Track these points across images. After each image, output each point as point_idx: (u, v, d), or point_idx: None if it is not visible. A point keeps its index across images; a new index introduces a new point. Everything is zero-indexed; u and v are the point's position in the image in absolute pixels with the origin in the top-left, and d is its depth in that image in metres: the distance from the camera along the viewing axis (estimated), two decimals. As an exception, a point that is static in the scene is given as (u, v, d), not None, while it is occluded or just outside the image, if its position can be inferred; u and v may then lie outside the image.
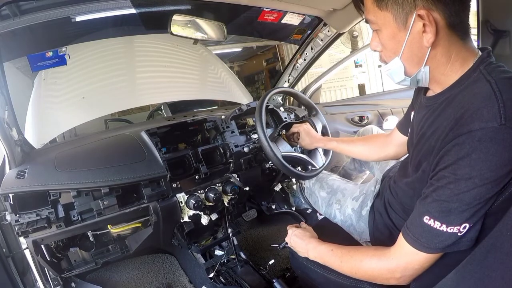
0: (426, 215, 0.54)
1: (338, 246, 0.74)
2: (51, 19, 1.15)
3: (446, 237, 0.52)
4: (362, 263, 0.66)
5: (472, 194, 0.49)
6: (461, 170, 0.49)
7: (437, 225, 0.52)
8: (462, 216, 0.51)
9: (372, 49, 0.65)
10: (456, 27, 0.55)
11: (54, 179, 0.92)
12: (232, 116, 1.25)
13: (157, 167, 1.02)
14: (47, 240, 0.92)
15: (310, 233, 0.86)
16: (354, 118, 1.92)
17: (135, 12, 1.50)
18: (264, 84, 7.07)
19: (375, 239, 0.87)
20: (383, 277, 0.63)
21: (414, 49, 0.57)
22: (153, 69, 1.80)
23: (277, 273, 1.36)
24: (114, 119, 3.23)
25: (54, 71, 1.47)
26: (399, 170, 0.83)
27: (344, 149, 1.11)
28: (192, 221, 1.16)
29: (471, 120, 0.49)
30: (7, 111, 0.96)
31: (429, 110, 0.63)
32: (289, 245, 0.89)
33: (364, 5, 0.63)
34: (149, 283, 1.38)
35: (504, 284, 0.43)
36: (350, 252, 0.70)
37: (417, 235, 0.55)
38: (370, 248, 0.71)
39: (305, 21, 1.45)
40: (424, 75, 0.60)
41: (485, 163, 0.47)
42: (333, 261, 0.73)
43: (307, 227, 0.92)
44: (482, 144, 0.47)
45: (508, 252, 0.44)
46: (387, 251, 0.63)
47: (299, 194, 1.52)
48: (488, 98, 0.49)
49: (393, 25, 0.57)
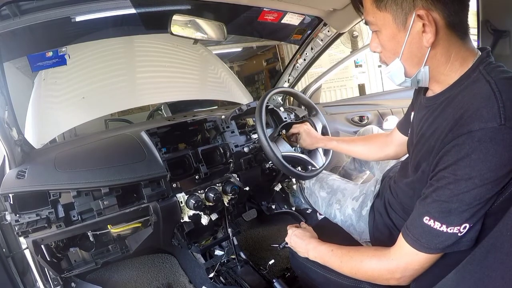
0: (426, 216, 0.54)
1: (338, 247, 0.74)
2: (51, 19, 1.15)
3: (446, 237, 0.52)
4: (362, 263, 0.66)
5: (472, 194, 0.49)
6: (461, 171, 0.49)
7: (437, 226, 0.52)
8: (462, 217, 0.51)
9: (371, 50, 0.65)
10: (455, 26, 0.55)
11: (54, 179, 0.92)
12: (232, 116, 1.25)
13: (157, 167, 1.02)
14: (47, 240, 0.92)
15: (310, 233, 0.86)
16: (354, 118, 1.92)
17: (135, 12, 1.50)
18: (264, 84, 7.07)
19: (375, 239, 0.87)
20: (383, 277, 0.63)
21: (414, 50, 0.57)
22: (153, 69, 1.80)
23: (277, 273, 1.36)
24: (114, 119, 3.23)
25: (54, 71, 1.47)
26: (399, 170, 0.83)
27: (344, 148, 1.11)
28: (192, 221, 1.16)
29: (471, 120, 0.49)
30: (7, 111, 0.96)
31: (428, 110, 0.63)
32: (289, 245, 0.89)
33: (363, 6, 0.63)
34: (149, 283, 1.38)
35: (504, 284, 0.43)
36: (350, 252, 0.70)
37: (417, 236, 0.56)
38: (370, 249, 0.71)
39: (305, 21, 1.45)
40: (424, 75, 0.60)
41: (485, 163, 0.47)
42: (333, 261, 0.73)
43: (307, 227, 0.92)
44: (482, 144, 0.47)
45: (508, 252, 0.44)
46: (387, 251, 0.63)
47: (299, 194, 1.52)
48: (488, 99, 0.49)
49: (392, 25, 0.57)
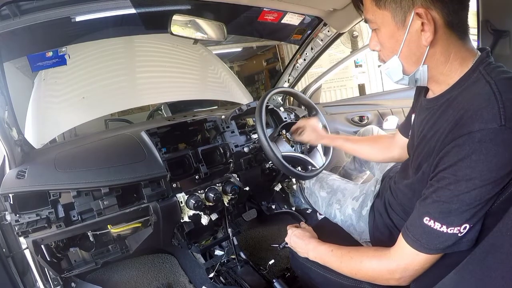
0: (426, 216, 0.54)
1: (338, 247, 0.74)
2: (51, 19, 1.15)
3: (446, 237, 0.52)
4: (362, 264, 0.66)
5: (472, 195, 0.49)
6: (461, 171, 0.49)
7: (437, 226, 0.52)
8: (462, 217, 0.51)
9: (371, 48, 0.65)
10: (454, 26, 0.55)
11: (54, 179, 0.92)
12: (232, 116, 1.25)
13: (157, 167, 1.02)
14: (47, 240, 0.92)
15: (309, 233, 0.86)
16: (354, 118, 1.92)
17: (135, 12, 1.50)
18: (264, 84, 7.08)
19: (375, 239, 0.87)
20: (383, 278, 0.63)
21: (413, 48, 0.57)
22: (153, 69, 1.80)
23: (277, 273, 1.36)
24: (114, 119, 3.22)
25: (54, 71, 1.47)
26: (400, 171, 0.83)
27: (350, 148, 1.09)
28: (192, 221, 1.16)
29: (471, 121, 0.49)
30: (7, 111, 0.96)
31: (429, 112, 0.63)
32: (289, 245, 0.89)
33: (363, 4, 0.63)
34: (149, 283, 1.38)
35: (504, 284, 0.43)
36: (350, 253, 0.70)
37: (417, 236, 0.56)
38: (370, 249, 0.71)
39: (305, 21, 1.45)
40: (422, 74, 0.59)
41: (485, 164, 0.47)
42: (333, 261, 0.73)
43: (306, 227, 0.92)
44: (482, 145, 0.47)
45: (508, 252, 0.44)
46: (387, 252, 0.63)
47: (299, 194, 1.51)
48: (488, 99, 0.49)
49: (391, 24, 0.57)
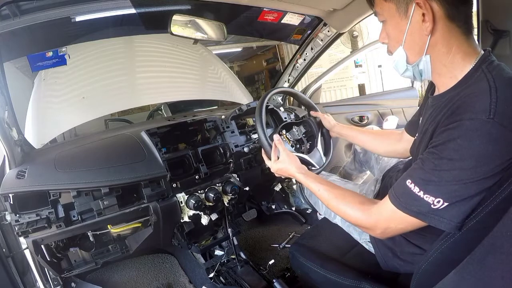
0: (409, 179, 0.59)
1: (325, 188, 0.77)
2: (51, 19, 1.15)
3: (421, 203, 0.56)
4: (347, 212, 0.71)
5: (452, 174, 0.53)
6: (446, 151, 0.54)
7: (416, 190, 0.57)
8: (439, 190, 0.54)
9: (380, 41, 0.70)
10: (455, 19, 0.57)
11: (54, 179, 0.92)
12: (232, 116, 1.25)
13: (157, 167, 1.02)
14: (47, 240, 0.92)
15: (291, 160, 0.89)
16: (354, 118, 1.92)
17: (135, 12, 1.50)
18: (264, 84, 7.08)
19: (375, 239, 0.87)
20: (363, 227, 0.69)
21: (415, 38, 0.61)
22: (153, 69, 1.80)
23: (277, 273, 1.35)
24: (114, 119, 3.22)
25: (54, 71, 1.47)
26: (402, 170, 0.84)
27: (356, 137, 1.12)
28: (192, 221, 1.16)
29: (464, 111, 0.53)
30: (7, 111, 0.96)
31: (434, 109, 0.65)
32: (275, 173, 0.92)
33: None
34: (149, 283, 1.38)
35: (504, 284, 0.43)
36: (338, 197, 0.74)
37: (398, 195, 0.60)
38: (355, 199, 0.72)
39: (305, 21, 1.45)
40: (425, 64, 0.62)
41: (468, 150, 0.51)
42: (322, 199, 0.78)
43: (290, 154, 0.92)
44: (468, 133, 0.51)
45: (508, 252, 0.44)
46: (370, 207, 0.67)
47: (299, 194, 1.52)
48: (483, 93, 0.52)
49: (396, 15, 0.62)
